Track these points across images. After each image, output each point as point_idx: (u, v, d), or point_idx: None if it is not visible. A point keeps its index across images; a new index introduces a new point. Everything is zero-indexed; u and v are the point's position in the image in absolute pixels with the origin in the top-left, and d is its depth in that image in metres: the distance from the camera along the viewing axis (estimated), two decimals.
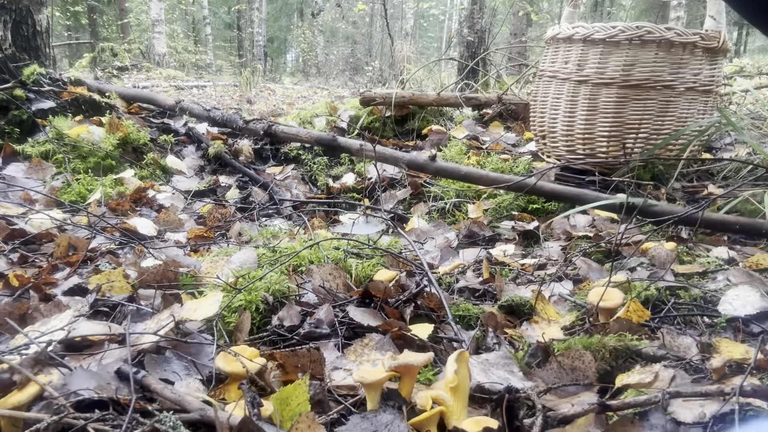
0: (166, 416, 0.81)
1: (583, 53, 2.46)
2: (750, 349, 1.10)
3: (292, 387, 0.89)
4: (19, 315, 1.21)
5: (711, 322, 1.34)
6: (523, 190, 2.22)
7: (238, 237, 2.17)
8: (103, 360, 1.05)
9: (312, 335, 1.22)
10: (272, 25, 26.75)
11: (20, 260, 1.70)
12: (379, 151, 2.59)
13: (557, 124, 2.62)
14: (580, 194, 2.11)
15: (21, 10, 3.70)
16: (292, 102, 8.43)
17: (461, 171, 2.30)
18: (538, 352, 1.18)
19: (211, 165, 3.26)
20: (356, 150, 2.76)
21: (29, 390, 0.85)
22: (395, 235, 2.15)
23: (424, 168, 2.37)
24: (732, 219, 1.67)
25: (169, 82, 10.26)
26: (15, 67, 3.14)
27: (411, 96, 3.61)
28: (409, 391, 0.97)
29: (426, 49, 29.30)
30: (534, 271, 1.78)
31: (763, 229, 1.62)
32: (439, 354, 1.22)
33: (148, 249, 1.79)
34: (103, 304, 1.35)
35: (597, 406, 0.90)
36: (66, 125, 2.92)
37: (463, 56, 7.30)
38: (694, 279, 1.57)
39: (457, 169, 2.31)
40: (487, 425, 0.85)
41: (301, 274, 1.54)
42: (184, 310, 1.20)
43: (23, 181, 2.57)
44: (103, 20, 21.30)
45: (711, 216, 1.67)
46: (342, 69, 18.31)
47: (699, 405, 0.91)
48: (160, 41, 14.65)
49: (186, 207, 2.69)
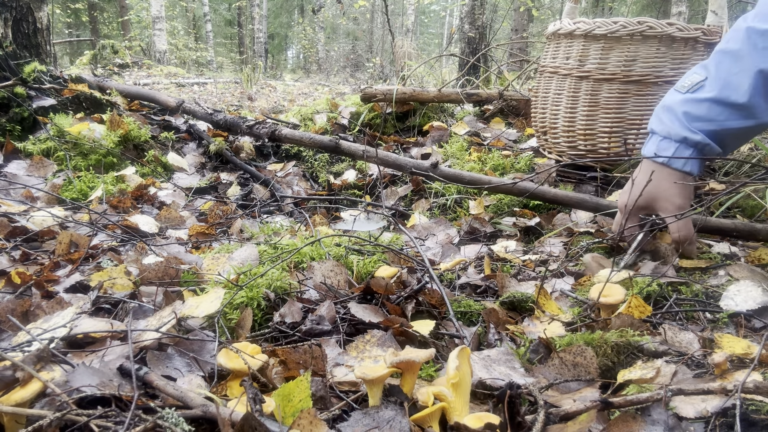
0: (168, 413, 0.81)
1: (585, 49, 2.45)
2: (752, 345, 1.10)
3: (293, 383, 0.89)
4: (22, 312, 1.21)
5: (713, 317, 1.34)
6: (524, 195, 2.26)
7: (240, 234, 2.17)
8: (105, 357, 1.05)
9: (313, 332, 1.22)
10: (273, 21, 26.72)
11: (22, 257, 1.70)
12: (382, 156, 2.59)
13: (558, 120, 2.61)
14: (581, 200, 2.13)
15: (21, 8, 3.69)
16: (293, 99, 8.42)
17: (464, 177, 2.33)
18: (540, 348, 1.18)
19: (212, 162, 3.26)
20: (359, 155, 2.76)
21: (32, 387, 0.85)
22: (396, 232, 2.15)
23: (427, 174, 2.40)
24: (729, 224, 1.71)
25: (170, 79, 10.26)
26: (16, 65, 3.14)
27: (412, 92, 3.61)
28: (411, 388, 0.97)
29: (427, 45, 29.25)
30: (535, 267, 1.78)
31: (760, 234, 1.65)
32: (440, 350, 1.22)
33: (150, 246, 1.79)
34: (105, 301, 1.35)
35: (599, 402, 0.90)
36: (67, 123, 2.92)
37: (464, 52, 7.28)
38: (696, 274, 1.56)
39: (461, 175, 2.34)
40: (489, 421, 0.85)
41: (302, 270, 1.54)
42: (185, 306, 1.20)
43: (24, 178, 2.57)
44: (103, 17, 21.30)
45: (709, 222, 1.72)
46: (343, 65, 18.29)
47: (701, 400, 0.91)
48: (160, 38, 14.64)
49: (187, 204, 2.69)
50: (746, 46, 1.42)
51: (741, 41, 1.44)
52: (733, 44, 1.47)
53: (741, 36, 1.44)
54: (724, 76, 1.47)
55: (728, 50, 1.48)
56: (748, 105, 1.43)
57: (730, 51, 1.47)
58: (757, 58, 1.40)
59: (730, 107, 1.46)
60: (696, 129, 1.50)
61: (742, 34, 1.44)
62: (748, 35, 1.42)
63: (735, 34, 1.47)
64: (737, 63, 1.45)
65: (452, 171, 2.36)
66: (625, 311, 1.27)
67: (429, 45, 29.83)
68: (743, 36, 1.43)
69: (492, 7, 9.99)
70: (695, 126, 1.50)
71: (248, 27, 23.38)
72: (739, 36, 1.45)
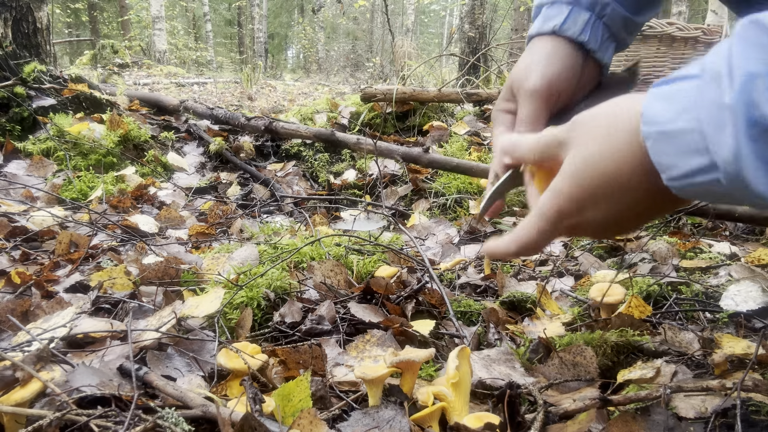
0: (168, 412, 0.81)
1: None
2: (752, 345, 1.10)
3: (293, 383, 0.89)
4: (22, 312, 1.21)
5: (713, 317, 1.34)
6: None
7: (240, 234, 2.17)
8: (105, 357, 1.05)
9: (313, 331, 1.22)
10: (273, 21, 26.72)
11: (22, 257, 1.70)
12: (374, 144, 2.82)
13: None
14: None
15: (21, 8, 3.69)
16: (293, 99, 8.42)
17: (453, 162, 2.43)
18: (540, 347, 1.18)
19: (212, 162, 3.26)
20: (353, 144, 2.95)
21: (32, 387, 0.85)
22: (396, 232, 2.15)
23: (417, 160, 2.55)
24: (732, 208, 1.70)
25: (170, 79, 10.25)
26: (16, 65, 3.14)
27: (412, 92, 3.61)
28: (411, 387, 0.97)
29: (427, 45, 29.26)
30: (535, 267, 1.78)
31: (762, 216, 1.63)
32: (440, 350, 1.22)
33: (150, 246, 1.79)
34: (105, 301, 1.35)
35: (598, 402, 0.90)
36: (67, 122, 2.92)
37: (464, 52, 7.28)
38: (696, 274, 1.56)
39: (449, 161, 2.43)
40: (489, 421, 0.85)
41: (302, 270, 1.54)
42: (185, 306, 1.20)
43: (24, 178, 2.57)
44: (103, 17, 21.30)
45: (719, 207, 1.70)
46: (343, 65, 18.29)
47: (701, 400, 0.91)
48: (160, 38, 14.64)
49: (187, 204, 2.69)
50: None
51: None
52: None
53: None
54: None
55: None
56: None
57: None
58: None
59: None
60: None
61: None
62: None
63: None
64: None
65: (442, 157, 2.49)
66: (625, 311, 1.27)
67: (429, 45, 29.84)
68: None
69: (492, 7, 9.99)
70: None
71: (248, 27, 23.38)
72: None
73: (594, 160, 0.62)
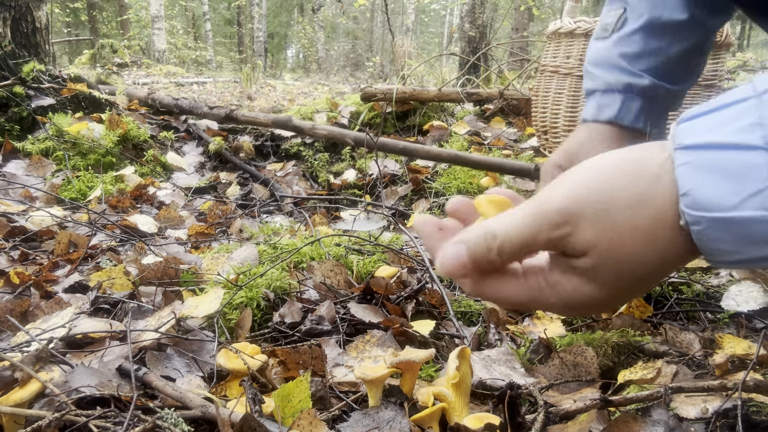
0: (167, 413, 0.81)
1: (585, 48, 2.45)
2: (753, 345, 1.10)
3: (293, 384, 0.89)
4: (20, 312, 1.21)
5: (714, 317, 1.33)
6: (505, 171, 2.42)
7: (239, 234, 2.17)
8: (104, 357, 1.05)
9: (313, 332, 1.22)
10: (272, 20, 26.71)
11: (21, 257, 1.70)
12: (328, 129, 3.09)
13: (559, 120, 2.61)
14: None
15: (20, 7, 3.69)
16: (293, 98, 8.41)
17: (443, 155, 2.65)
18: (540, 348, 1.17)
19: (211, 162, 3.25)
20: (309, 129, 3.14)
21: (31, 387, 0.85)
22: (396, 232, 2.14)
23: (369, 145, 2.79)
24: None
25: (169, 78, 10.24)
26: (14, 64, 3.14)
27: (412, 91, 3.60)
28: (411, 388, 0.97)
29: (427, 45, 29.26)
30: None
31: None
32: (440, 350, 1.22)
33: (149, 246, 1.79)
34: (104, 301, 1.35)
35: (599, 402, 0.90)
36: (66, 122, 2.92)
37: (465, 51, 7.28)
38: (696, 274, 1.56)
39: (440, 153, 2.62)
40: (489, 421, 0.84)
41: (302, 270, 1.54)
42: (185, 307, 1.20)
43: (23, 178, 2.57)
44: (102, 17, 21.28)
45: None
46: (343, 65, 18.29)
47: (702, 400, 0.91)
48: (159, 37, 14.63)
49: (186, 204, 2.69)
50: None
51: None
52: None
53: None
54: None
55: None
56: (689, 20, 1.06)
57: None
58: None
59: (668, 28, 1.08)
60: (639, 71, 1.12)
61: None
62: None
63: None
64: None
65: (435, 149, 2.54)
66: (626, 311, 1.27)
67: (429, 44, 29.84)
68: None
69: (492, 6, 10.00)
70: (637, 67, 1.12)
71: (248, 26, 23.37)
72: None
73: (631, 268, 0.49)
